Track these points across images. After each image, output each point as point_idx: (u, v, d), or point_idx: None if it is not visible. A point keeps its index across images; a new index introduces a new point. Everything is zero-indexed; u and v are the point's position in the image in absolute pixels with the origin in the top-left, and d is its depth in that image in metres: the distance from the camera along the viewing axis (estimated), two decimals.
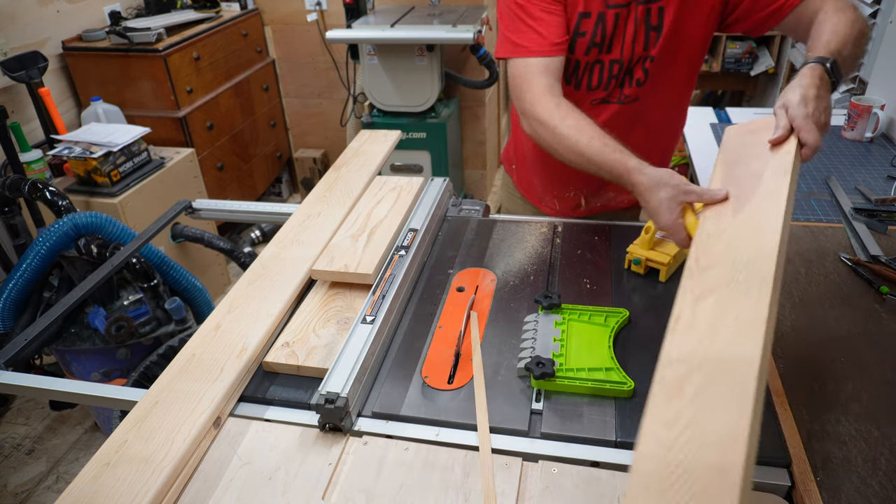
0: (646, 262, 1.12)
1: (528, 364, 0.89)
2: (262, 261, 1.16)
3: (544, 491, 0.76)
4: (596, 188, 1.46)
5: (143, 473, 0.77)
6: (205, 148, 2.92)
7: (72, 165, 2.32)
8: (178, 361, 0.94)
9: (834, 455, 0.77)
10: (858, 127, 1.76)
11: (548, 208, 1.52)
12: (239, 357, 0.94)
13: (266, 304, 1.05)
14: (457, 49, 3.07)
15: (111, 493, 0.75)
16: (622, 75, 1.26)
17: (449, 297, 1.11)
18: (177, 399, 0.87)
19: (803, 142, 0.91)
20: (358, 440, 0.84)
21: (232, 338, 0.98)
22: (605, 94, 1.29)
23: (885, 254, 1.15)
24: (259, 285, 1.10)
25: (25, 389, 1.05)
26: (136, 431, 0.83)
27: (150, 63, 2.67)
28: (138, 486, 0.75)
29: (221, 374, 0.91)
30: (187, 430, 0.82)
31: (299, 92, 3.61)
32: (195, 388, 0.88)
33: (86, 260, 1.77)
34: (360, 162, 1.48)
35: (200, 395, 0.87)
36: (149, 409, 0.86)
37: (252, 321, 1.01)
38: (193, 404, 0.86)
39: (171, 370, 0.93)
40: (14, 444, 2.29)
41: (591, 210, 1.50)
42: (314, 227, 1.25)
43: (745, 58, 2.90)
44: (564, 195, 1.48)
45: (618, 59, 1.24)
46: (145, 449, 0.80)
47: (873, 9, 2.02)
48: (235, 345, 0.96)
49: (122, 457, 0.79)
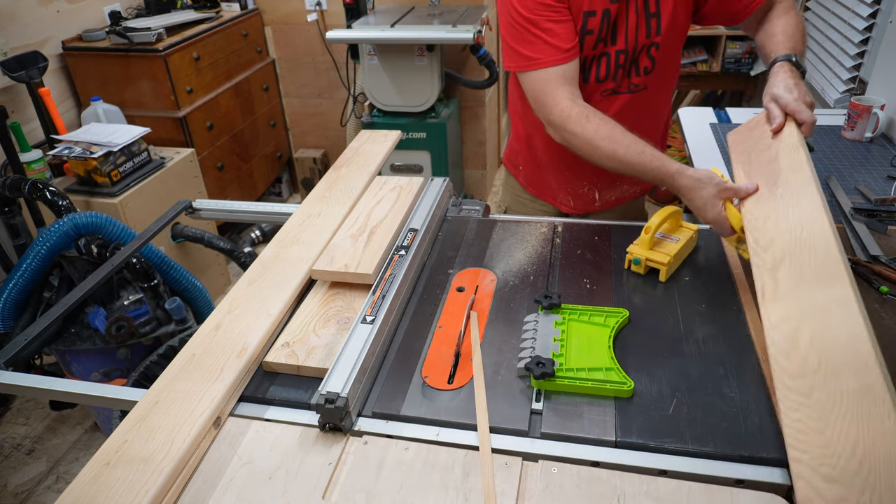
0: (646, 261, 1.12)
1: (528, 364, 0.89)
2: (263, 261, 1.16)
3: (544, 491, 0.76)
4: (609, 183, 1.50)
5: (143, 473, 0.76)
6: (205, 148, 2.92)
7: (72, 165, 2.32)
8: (179, 361, 0.94)
9: None
10: (858, 127, 1.75)
11: (563, 205, 1.55)
12: (239, 357, 0.94)
13: (266, 304, 1.05)
14: (457, 49, 3.07)
15: (111, 493, 0.75)
16: (628, 65, 1.30)
17: (449, 297, 1.11)
18: (177, 399, 0.87)
19: (800, 121, 1.05)
20: (358, 440, 0.84)
21: (232, 338, 0.97)
22: (614, 84, 1.33)
23: (885, 254, 1.15)
24: (259, 285, 1.10)
25: (25, 389, 1.05)
26: (137, 431, 0.83)
27: (150, 63, 2.67)
28: (138, 487, 0.75)
29: (221, 375, 0.91)
30: (187, 430, 0.82)
31: (299, 92, 3.61)
32: (195, 388, 0.88)
33: (86, 260, 1.77)
34: (360, 162, 1.48)
35: (200, 396, 0.87)
36: (149, 409, 0.86)
37: (252, 321, 1.01)
38: (193, 404, 0.86)
39: (171, 370, 0.93)
40: (14, 444, 2.29)
41: (605, 204, 1.54)
42: (314, 226, 1.25)
43: (745, 58, 2.90)
44: (579, 191, 1.52)
45: (623, 49, 1.28)
46: (145, 449, 0.80)
47: (873, 9, 2.02)
48: (235, 345, 0.96)
49: (122, 457, 0.79)
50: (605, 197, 1.53)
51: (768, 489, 0.75)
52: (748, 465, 0.78)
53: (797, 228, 0.89)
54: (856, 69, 2.12)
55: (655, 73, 1.32)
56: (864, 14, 2.06)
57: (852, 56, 2.12)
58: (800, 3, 2.66)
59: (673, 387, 0.88)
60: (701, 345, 0.96)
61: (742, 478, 0.76)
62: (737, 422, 0.82)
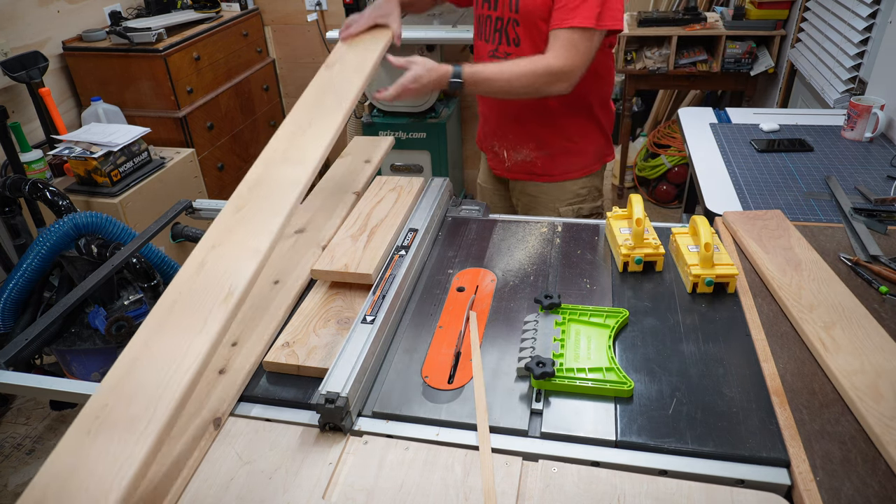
0: (644, 257, 1.12)
1: (528, 364, 0.89)
2: (248, 183, 1.05)
3: (544, 491, 0.76)
4: (511, 142, 1.64)
5: (126, 443, 0.70)
6: (205, 148, 2.92)
7: (72, 165, 2.32)
8: (159, 310, 0.85)
9: (834, 455, 0.77)
10: (858, 127, 1.75)
11: (492, 165, 1.76)
12: (224, 303, 0.85)
13: (253, 237, 0.94)
14: (457, 49, 3.07)
15: (93, 466, 0.68)
16: (502, 31, 1.49)
17: (449, 297, 1.11)
18: (159, 355, 0.79)
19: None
20: (358, 440, 0.84)
21: (217, 279, 0.88)
22: (493, 46, 1.52)
23: (884, 254, 1.15)
24: (245, 213, 0.99)
25: (26, 389, 1.05)
26: (117, 394, 0.75)
27: (150, 63, 2.67)
28: (122, 458, 0.69)
29: (206, 325, 0.82)
30: (172, 392, 0.74)
31: (299, 92, 3.55)
32: (178, 343, 0.80)
33: (86, 260, 1.77)
34: (355, 60, 1.33)
35: (185, 350, 0.79)
36: (128, 368, 0.78)
37: (237, 258, 0.91)
38: (177, 361, 0.78)
39: (151, 321, 0.84)
40: (14, 443, 2.29)
41: (515, 170, 1.68)
42: (304, 143, 1.11)
43: (744, 58, 2.89)
44: (493, 150, 1.71)
45: (499, 15, 1.47)
46: (127, 413, 0.73)
47: (873, 9, 2.02)
48: (221, 287, 0.87)
49: (103, 424, 0.72)
50: (512, 158, 1.66)
51: (768, 489, 0.75)
52: (748, 465, 0.78)
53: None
54: (856, 69, 2.12)
55: (522, 48, 1.47)
56: (863, 14, 2.05)
57: (852, 56, 2.12)
58: (800, 3, 2.66)
59: (673, 387, 0.89)
60: (701, 345, 0.96)
61: (742, 478, 0.76)
62: (737, 422, 0.82)
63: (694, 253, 1.10)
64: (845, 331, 0.93)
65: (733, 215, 1.25)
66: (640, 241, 1.13)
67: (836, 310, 0.98)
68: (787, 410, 0.83)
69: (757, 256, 1.12)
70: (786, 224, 1.21)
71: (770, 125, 1.86)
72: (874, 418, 0.79)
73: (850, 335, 0.92)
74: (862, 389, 0.83)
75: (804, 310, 0.98)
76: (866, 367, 0.86)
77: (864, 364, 0.87)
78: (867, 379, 0.84)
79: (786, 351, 0.94)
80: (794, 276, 1.06)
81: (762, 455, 0.78)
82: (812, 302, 1.00)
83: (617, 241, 1.15)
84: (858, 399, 0.82)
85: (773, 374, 0.89)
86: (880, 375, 0.85)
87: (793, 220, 1.25)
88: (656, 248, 1.12)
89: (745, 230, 1.19)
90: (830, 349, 0.90)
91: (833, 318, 0.96)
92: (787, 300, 1.01)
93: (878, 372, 0.85)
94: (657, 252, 1.12)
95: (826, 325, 0.94)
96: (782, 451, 0.78)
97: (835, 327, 0.94)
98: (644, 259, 1.12)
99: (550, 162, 1.63)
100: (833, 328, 0.94)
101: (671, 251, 1.18)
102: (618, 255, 1.14)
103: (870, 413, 0.80)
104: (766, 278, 1.07)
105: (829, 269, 1.07)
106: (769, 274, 1.07)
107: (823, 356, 0.89)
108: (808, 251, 1.12)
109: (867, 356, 0.88)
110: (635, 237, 1.12)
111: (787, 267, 1.08)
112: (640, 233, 1.12)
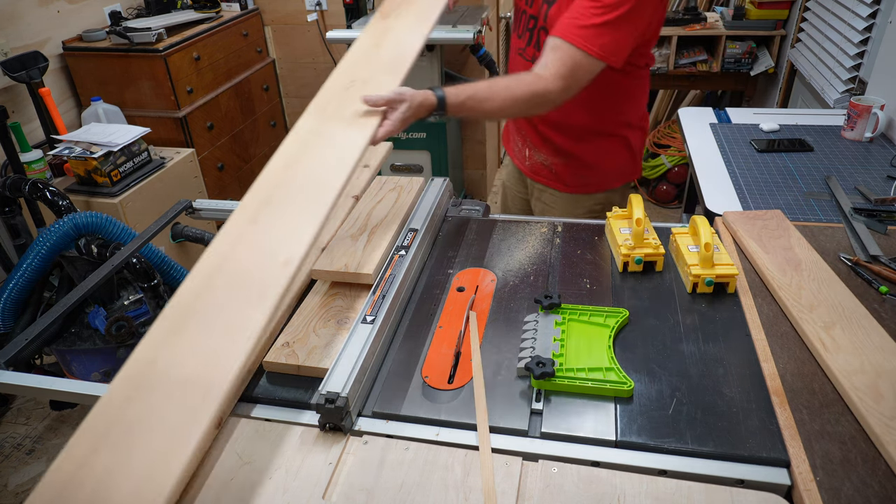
0: (644, 257, 1.12)
1: (528, 364, 0.89)
2: (299, 135, 1.02)
3: (544, 491, 0.76)
4: (534, 143, 1.58)
5: (191, 396, 0.63)
6: (205, 148, 2.92)
7: (72, 165, 2.32)
8: (203, 270, 0.79)
9: (834, 455, 0.77)
10: (858, 127, 1.76)
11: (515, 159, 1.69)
12: (284, 267, 0.79)
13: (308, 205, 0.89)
14: (457, 49, 3.07)
15: (156, 417, 0.63)
16: (533, 32, 1.42)
17: (449, 297, 1.11)
18: (212, 314, 0.73)
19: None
20: (358, 440, 0.84)
21: (269, 245, 0.83)
22: (523, 44, 1.46)
23: (884, 254, 1.15)
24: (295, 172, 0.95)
25: (26, 389, 1.05)
26: (168, 350, 0.69)
27: (150, 63, 2.67)
28: (188, 411, 0.63)
29: (266, 291, 0.75)
30: (234, 354, 0.68)
31: (299, 92, 3.60)
32: (232, 305, 0.74)
33: (86, 260, 1.77)
34: (416, 9, 1.18)
35: (240, 315, 0.72)
36: (179, 326, 0.71)
37: (292, 225, 0.85)
38: (235, 324, 0.71)
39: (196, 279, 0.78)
40: (14, 443, 2.29)
41: (535, 171, 1.61)
42: (360, 97, 1.06)
43: (744, 58, 2.90)
44: (515, 146, 1.67)
45: (534, 14, 1.40)
46: (182, 371, 0.67)
47: (873, 9, 2.02)
48: (276, 253, 0.82)
49: (156, 380, 0.66)
50: (532, 157, 1.60)
51: (768, 489, 0.75)
52: (748, 465, 0.78)
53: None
54: (855, 69, 2.12)
55: None
56: (863, 14, 2.06)
57: (852, 56, 2.12)
58: (800, 3, 2.66)
59: (673, 387, 0.89)
60: (701, 345, 0.96)
61: (742, 478, 0.76)
62: (737, 422, 0.83)
63: (694, 253, 1.10)
64: (845, 331, 0.94)
65: (733, 215, 1.26)
66: (640, 241, 1.13)
67: (836, 310, 0.98)
68: (787, 410, 0.83)
69: (757, 256, 1.12)
70: (786, 224, 1.21)
71: (770, 125, 1.86)
72: (874, 418, 0.79)
73: (850, 335, 0.93)
74: (862, 389, 0.83)
75: (804, 310, 0.99)
76: (866, 367, 0.87)
77: (864, 364, 0.87)
78: (867, 379, 0.85)
79: (786, 351, 0.94)
80: (794, 276, 1.06)
81: (762, 455, 0.78)
82: (812, 302, 1.00)
83: (617, 241, 1.15)
84: (858, 399, 0.82)
85: (773, 374, 0.89)
86: (880, 375, 0.85)
87: (793, 220, 1.25)
88: (656, 248, 1.13)
89: (745, 230, 1.20)
90: (830, 349, 0.91)
91: (833, 318, 0.96)
92: (787, 300, 1.01)
93: (878, 372, 0.86)
94: (657, 252, 1.12)
95: (826, 325, 0.95)
96: (782, 451, 0.78)
97: (835, 327, 0.95)
98: (644, 259, 1.12)
99: (567, 171, 1.56)
100: (833, 328, 0.94)
101: (671, 251, 1.18)
102: (618, 255, 1.15)
103: (870, 413, 0.80)
104: (766, 278, 1.07)
105: (829, 269, 1.07)
106: (769, 274, 1.07)
107: (823, 356, 0.90)
108: (808, 251, 1.12)
109: (867, 356, 0.89)
110: (635, 237, 1.12)
111: (787, 267, 1.08)
112: (640, 233, 1.12)
